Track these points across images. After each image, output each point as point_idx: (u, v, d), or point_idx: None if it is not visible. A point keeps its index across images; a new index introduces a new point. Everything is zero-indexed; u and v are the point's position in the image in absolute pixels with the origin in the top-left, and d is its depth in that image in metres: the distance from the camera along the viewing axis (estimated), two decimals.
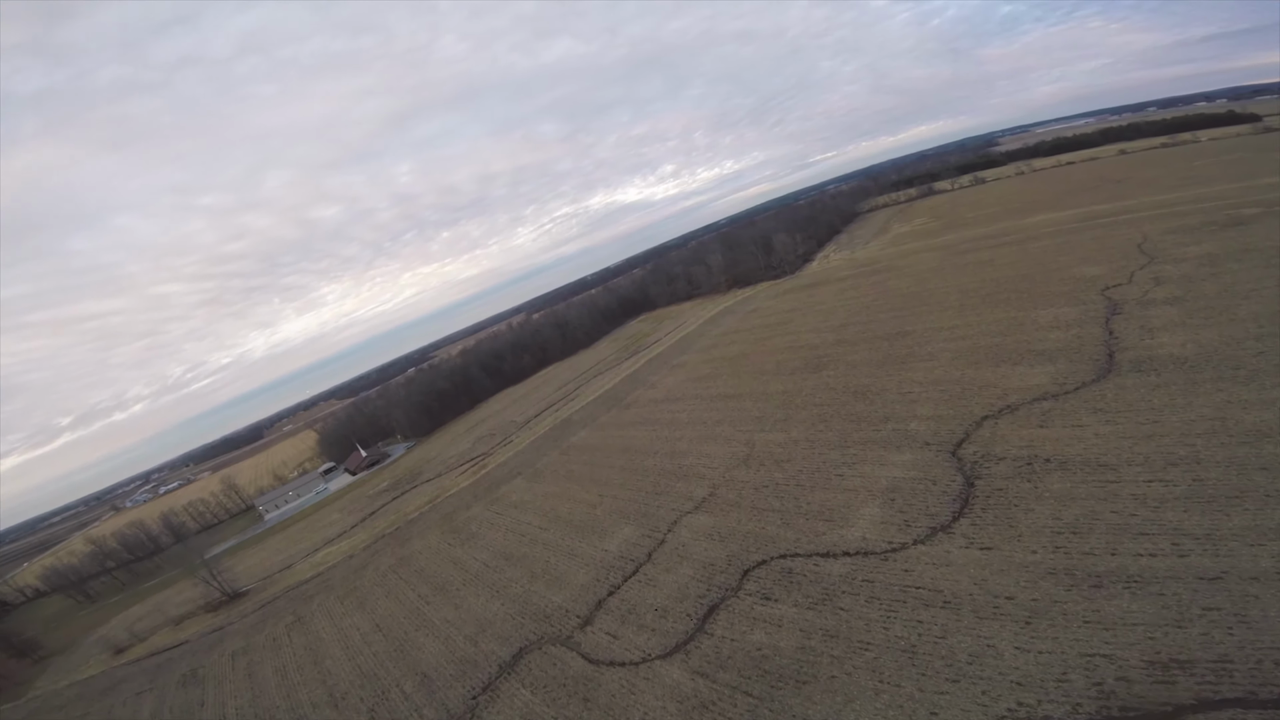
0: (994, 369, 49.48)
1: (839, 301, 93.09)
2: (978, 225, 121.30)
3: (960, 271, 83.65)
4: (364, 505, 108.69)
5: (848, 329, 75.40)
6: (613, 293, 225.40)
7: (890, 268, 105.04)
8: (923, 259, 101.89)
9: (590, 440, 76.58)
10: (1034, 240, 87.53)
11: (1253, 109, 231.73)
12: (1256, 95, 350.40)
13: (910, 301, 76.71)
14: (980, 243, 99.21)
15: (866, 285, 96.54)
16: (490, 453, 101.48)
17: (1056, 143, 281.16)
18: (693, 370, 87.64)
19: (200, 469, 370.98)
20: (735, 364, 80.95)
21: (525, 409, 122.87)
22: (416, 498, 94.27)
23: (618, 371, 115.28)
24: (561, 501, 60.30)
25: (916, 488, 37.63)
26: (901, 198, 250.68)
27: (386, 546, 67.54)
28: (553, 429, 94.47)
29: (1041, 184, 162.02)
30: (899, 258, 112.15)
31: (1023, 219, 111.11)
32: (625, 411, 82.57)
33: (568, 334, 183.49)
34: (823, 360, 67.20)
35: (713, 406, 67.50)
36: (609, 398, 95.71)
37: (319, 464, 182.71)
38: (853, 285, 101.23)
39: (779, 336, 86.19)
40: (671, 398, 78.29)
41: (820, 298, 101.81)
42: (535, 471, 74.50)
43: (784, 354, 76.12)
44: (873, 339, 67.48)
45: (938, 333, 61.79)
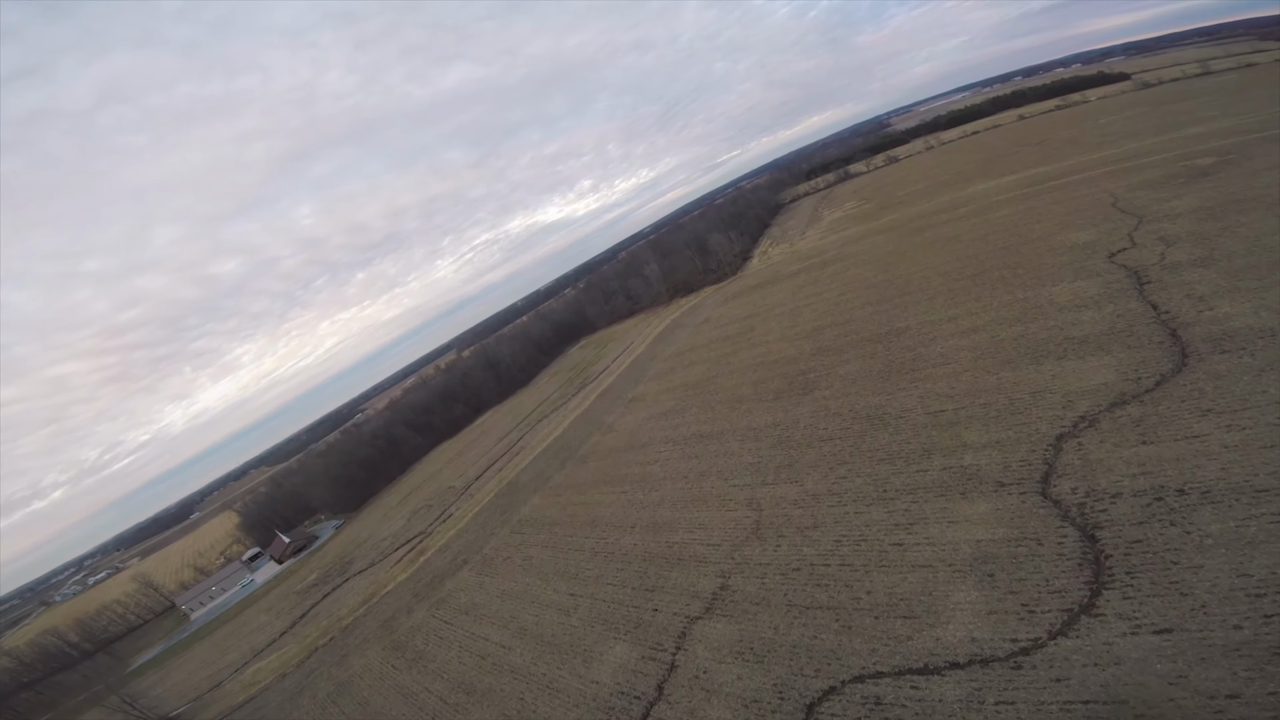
0: (1035, 367, 40.73)
1: (800, 301, 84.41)
2: (916, 202, 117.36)
3: (927, 251, 76.81)
4: (293, 604, 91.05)
5: (824, 333, 66.16)
6: (546, 319, 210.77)
7: (842, 256, 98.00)
8: (875, 244, 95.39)
9: (546, 511, 63.43)
10: (991, 210, 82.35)
11: (1107, 69, 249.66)
12: (1104, 58, 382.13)
13: (886, 292, 68.59)
14: (931, 219, 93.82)
15: (825, 279, 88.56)
16: (428, 532, 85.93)
17: (953, 115, 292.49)
18: (654, 404, 76.02)
19: (130, 554, 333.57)
20: (703, 391, 70.01)
21: (464, 469, 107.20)
22: (349, 595, 78.53)
23: (565, 412, 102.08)
24: (524, 605, 47.73)
25: (1016, 552, 27.74)
26: (821, 184, 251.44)
27: (322, 665, 59.12)
28: (498, 496, 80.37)
29: (959, 154, 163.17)
30: (846, 245, 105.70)
31: (962, 189, 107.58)
32: (583, 467, 69.78)
33: (502, 373, 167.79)
34: (809, 377, 57.23)
35: (690, 453, 55.99)
36: (560, 448, 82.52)
37: (243, 549, 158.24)
38: (809, 281, 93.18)
39: (745, 350, 76.14)
40: (636, 444, 66.26)
41: (776, 298, 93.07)
42: (484, 560, 61.07)
43: (758, 372, 65.88)
44: (861, 342, 58.27)
45: (939, 326, 53.18)
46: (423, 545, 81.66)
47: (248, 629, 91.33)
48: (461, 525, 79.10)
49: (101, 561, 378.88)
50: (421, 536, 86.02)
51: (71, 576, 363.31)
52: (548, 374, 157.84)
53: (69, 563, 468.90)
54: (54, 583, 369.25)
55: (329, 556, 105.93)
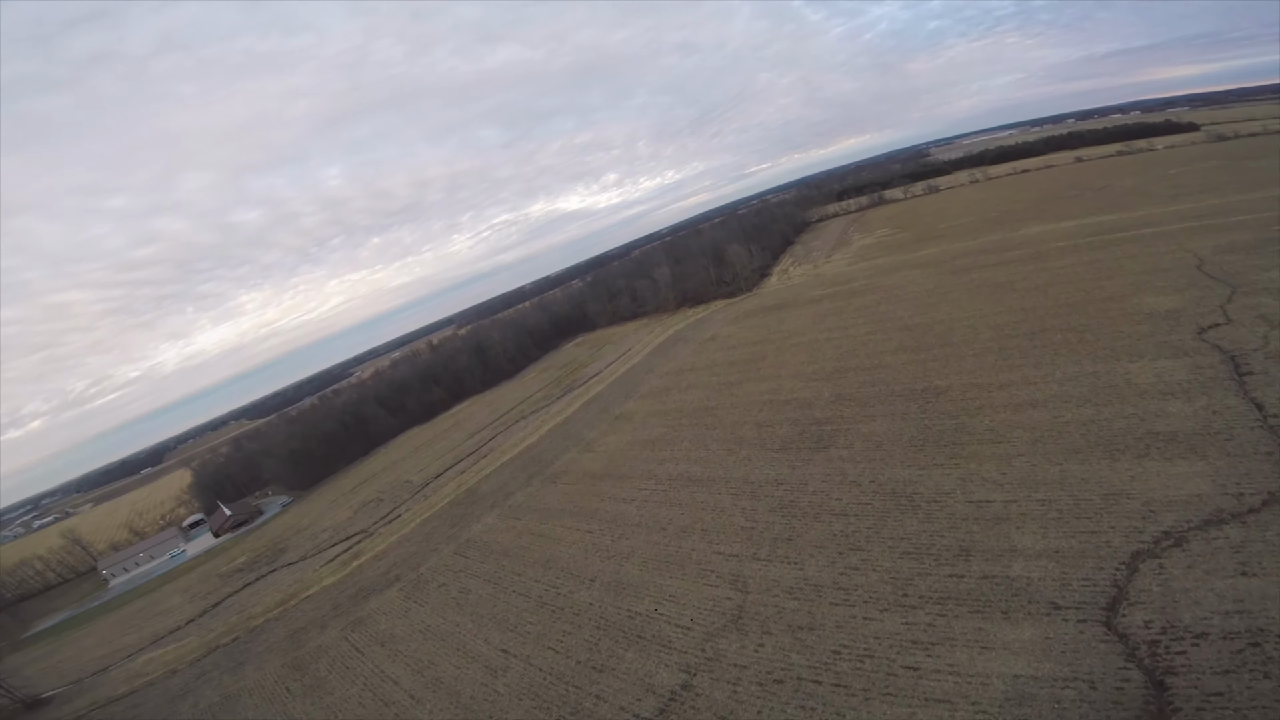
0: (1109, 463, 33.45)
1: (821, 332, 77.11)
2: (959, 237, 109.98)
3: (973, 296, 69.49)
4: (212, 589, 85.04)
5: (847, 377, 58.86)
6: (546, 309, 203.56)
7: (873, 288, 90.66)
8: (912, 279, 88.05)
9: (499, 535, 56.54)
10: (1050, 258, 74.97)
11: (1174, 118, 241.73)
12: (1167, 108, 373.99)
13: (924, 338, 61.29)
14: (978, 259, 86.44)
15: (851, 311, 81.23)
16: (370, 531, 79.20)
17: (1001, 150, 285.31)
18: (642, 427, 68.85)
19: (86, 499, 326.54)
20: (699, 422, 62.79)
21: (427, 463, 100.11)
22: (270, 591, 72.79)
23: (546, 416, 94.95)
24: (448, 650, 41.71)
25: (1062, 695, 21.86)
26: (852, 206, 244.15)
27: (216, 669, 55.22)
28: (453, 503, 73.42)
29: (1008, 191, 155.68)
30: (878, 276, 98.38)
31: (1014, 230, 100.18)
32: (550, 488, 62.64)
33: (489, 360, 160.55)
34: (825, 429, 49.96)
35: (674, 498, 48.82)
36: (531, 460, 75.39)
37: (187, 514, 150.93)
38: (833, 310, 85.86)
39: (752, 381, 68.90)
40: (615, 472, 59.09)
41: (794, 325, 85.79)
42: (418, 581, 54.85)
43: (764, 411, 58.64)
44: (891, 396, 50.95)
45: (988, 393, 45.81)
46: (360, 547, 74.69)
47: (158, 609, 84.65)
48: (406, 531, 72.11)
49: (56, 503, 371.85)
50: (363, 535, 79.05)
51: (21, 516, 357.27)
52: (536, 369, 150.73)
53: (26, 500, 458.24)
54: (4, 520, 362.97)
55: (265, 539, 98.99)
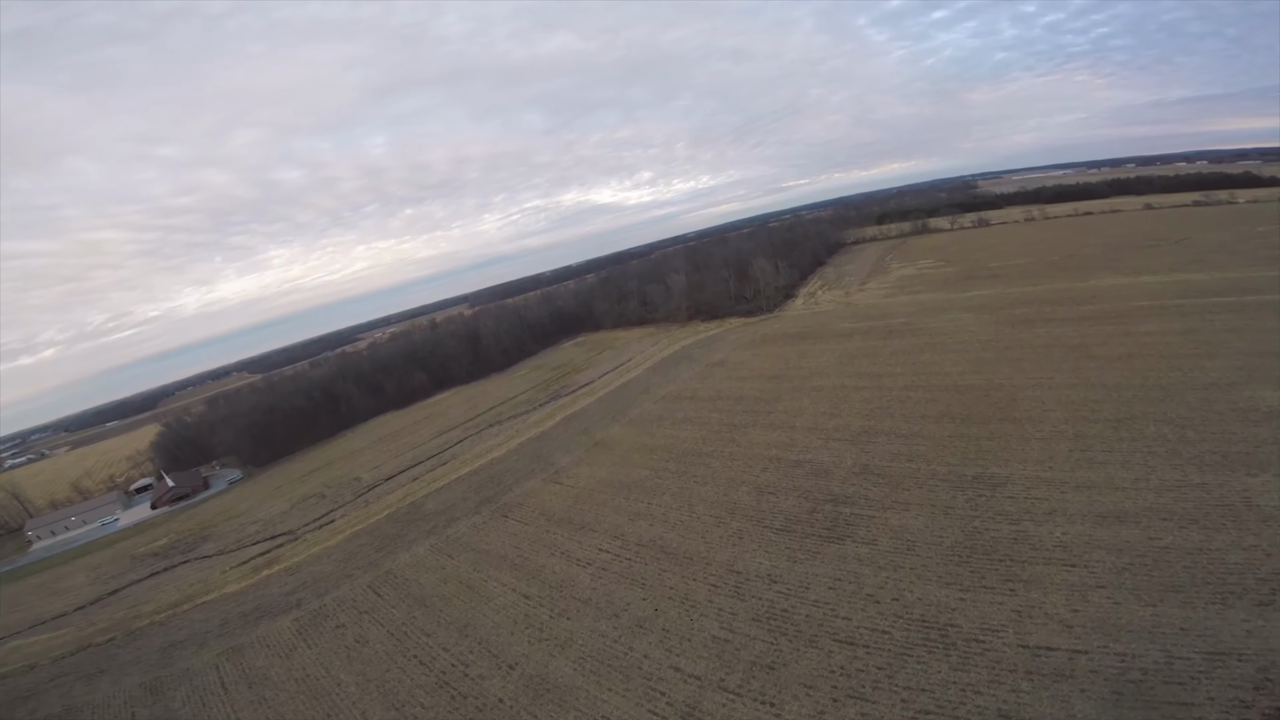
0: (1220, 610, 24.90)
1: (849, 377, 67.41)
2: (1016, 280, 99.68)
3: (1040, 358, 59.54)
4: (119, 572, 77.79)
5: (877, 443, 49.32)
6: (551, 302, 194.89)
7: (914, 329, 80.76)
8: (962, 323, 78.05)
9: (423, 574, 48.75)
10: (1133, 319, 64.83)
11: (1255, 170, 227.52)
12: (1238, 159, 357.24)
13: (978, 406, 51.55)
14: (1043, 310, 76.22)
15: (888, 355, 71.39)
16: (297, 534, 71.64)
17: (1059, 189, 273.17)
18: (621, 463, 59.76)
19: (69, 439, 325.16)
20: (688, 471, 53.58)
21: (385, 460, 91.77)
22: (171, 587, 66.43)
23: (521, 427, 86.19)
24: (313, 715, 35.15)
25: None
26: (893, 232, 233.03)
27: (76, 670, 50.62)
28: (392, 518, 65.72)
29: (1070, 234, 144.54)
30: (921, 315, 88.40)
31: (1082, 279, 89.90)
32: (499, 522, 53.94)
33: (480, 350, 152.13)
34: (843, 510, 40.57)
35: (638, 571, 39.82)
36: (490, 480, 66.70)
37: (140, 475, 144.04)
38: (864, 350, 76.06)
39: (760, 427, 59.49)
40: (576, 518, 50.15)
41: (817, 362, 76.15)
42: (319, 613, 48.80)
43: (769, 471, 49.30)
44: (931, 479, 41.43)
45: (1060, 493, 36.24)
46: (280, 552, 66.79)
47: (56, 587, 77.48)
48: (332, 543, 63.95)
49: (44, 440, 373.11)
50: (288, 538, 70.99)
51: (2, 451, 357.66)
52: (529, 365, 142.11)
53: (15, 434, 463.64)
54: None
55: (194, 521, 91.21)
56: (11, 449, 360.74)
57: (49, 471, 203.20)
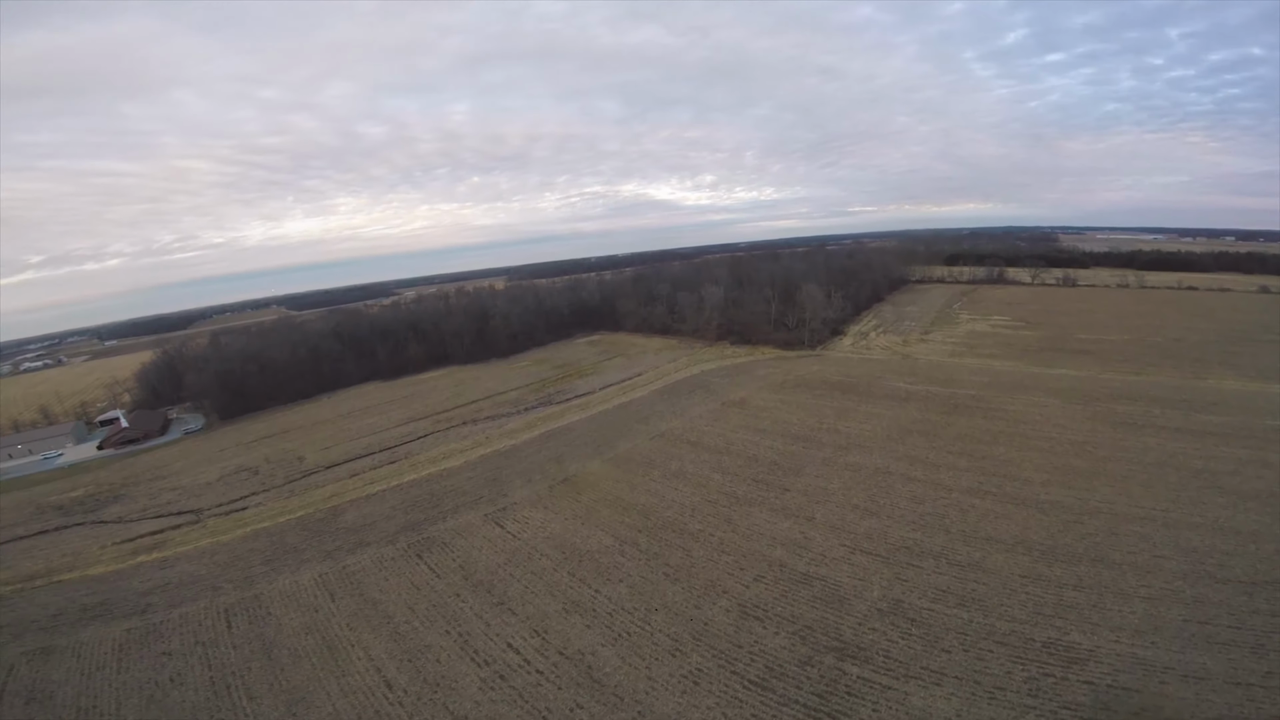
0: None
1: (898, 459, 54.84)
2: (1113, 361, 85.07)
3: (1149, 478, 46.31)
4: (12, 522, 69.76)
5: (918, 568, 37.17)
6: (574, 291, 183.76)
7: (987, 408, 67.34)
8: (1047, 411, 64.45)
9: (296, 611, 40.05)
10: (1272, 445, 50.73)
11: None
12: None
13: (1064, 535, 38.89)
14: (1150, 412, 62.32)
15: (950, 438, 58.36)
16: (201, 518, 63.50)
17: (1159, 255, 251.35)
18: (585, 517, 48.65)
19: (91, 349, 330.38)
20: (661, 552, 42.21)
21: (338, 441, 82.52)
22: (41, 554, 59.07)
23: (494, 433, 75.87)
24: None
25: None
26: (964, 276, 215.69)
27: None
28: (305, 520, 57.24)
29: (1172, 311, 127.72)
30: (995, 389, 74.87)
31: (1196, 375, 75.26)
32: (409, 565, 43.74)
33: (487, 331, 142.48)
34: (849, 670, 28.98)
35: (542, 699, 28.91)
36: (425, 500, 56.57)
37: (113, 406, 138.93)
38: (920, 424, 63.07)
39: (768, 509, 47.63)
40: (498, 589, 39.28)
41: (858, 429, 63.54)
42: (150, 631, 41.92)
43: (764, 585, 37.58)
44: (984, 640, 29.35)
45: (1161, 682, 23.90)
46: (170, 537, 58.56)
47: None
48: (226, 538, 55.44)
49: (74, 345, 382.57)
50: (191, 520, 62.39)
51: (34, 350, 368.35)
52: (532, 357, 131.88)
53: (59, 333, 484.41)
54: (22, 351, 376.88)
55: (123, 474, 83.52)
56: (46, 349, 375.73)
57: (49, 383, 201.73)
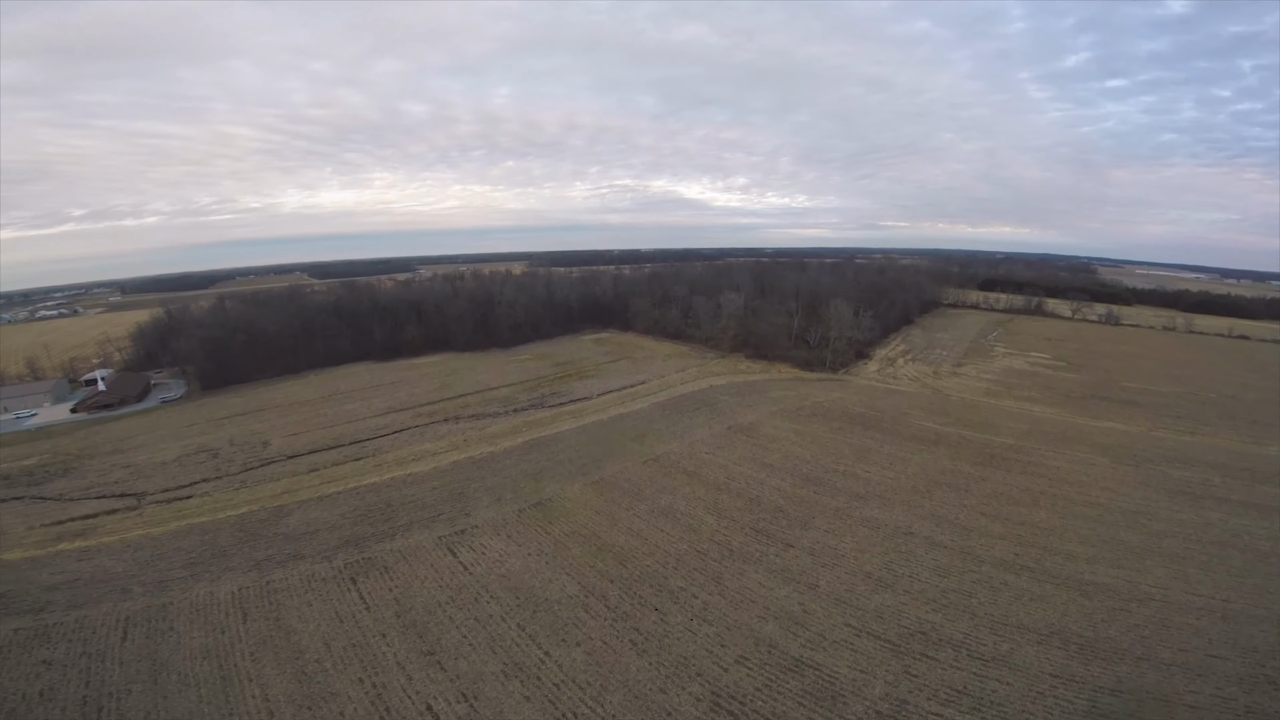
0: None
1: (921, 518, 48.64)
2: (1163, 416, 77.85)
3: (1210, 560, 39.98)
4: None
5: (934, 659, 31.12)
6: (587, 285, 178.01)
7: (1026, 462, 60.69)
8: (1093, 471, 57.79)
9: (197, 630, 34.34)
10: None
11: None
12: None
13: (1107, 618, 32.52)
14: (1209, 480, 55.56)
15: (985, 495, 51.92)
16: (144, 502, 58.66)
17: (1205, 298, 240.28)
18: (552, 555, 43.07)
19: (109, 302, 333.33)
20: (629, 616, 36.58)
21: (310, 428, 77.72)
22: None
23: (474, 436, 70.64)
24: None
25: None
26: (1000, 304, 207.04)
27: None
28: (244, 520, 51.90)
29: (1222, 362, 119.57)
30: (1036, 439, 68.20)
31: (1257, 440, 68.26)
32: (340, 590, 38.34)
33: (490, 319, 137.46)
34: None
35: None
36: (381, 512, 51.07)
37: (105, 364, 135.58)
38: (950, 475, 56.59)
39: (764, 568, 41.74)
40: (430, 635, 34.02)
41: (879, 475, 57.28)
42: (31, 638, 36.25)
43: (747, 670, 31.92)
44: None
45: None
46: (104, 523, 54.10)
47: None
48: (160, 531, 51.08)
49: (93, 297, 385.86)
50: (131, 504, 57.80)
51: (56, 299, 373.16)
52: (534, 351, 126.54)
53: (86, 284, 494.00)
54: (49, 298, 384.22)
55: (85, 443, 79.54)
56: (69, 298, 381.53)
57: (55, 333, 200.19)
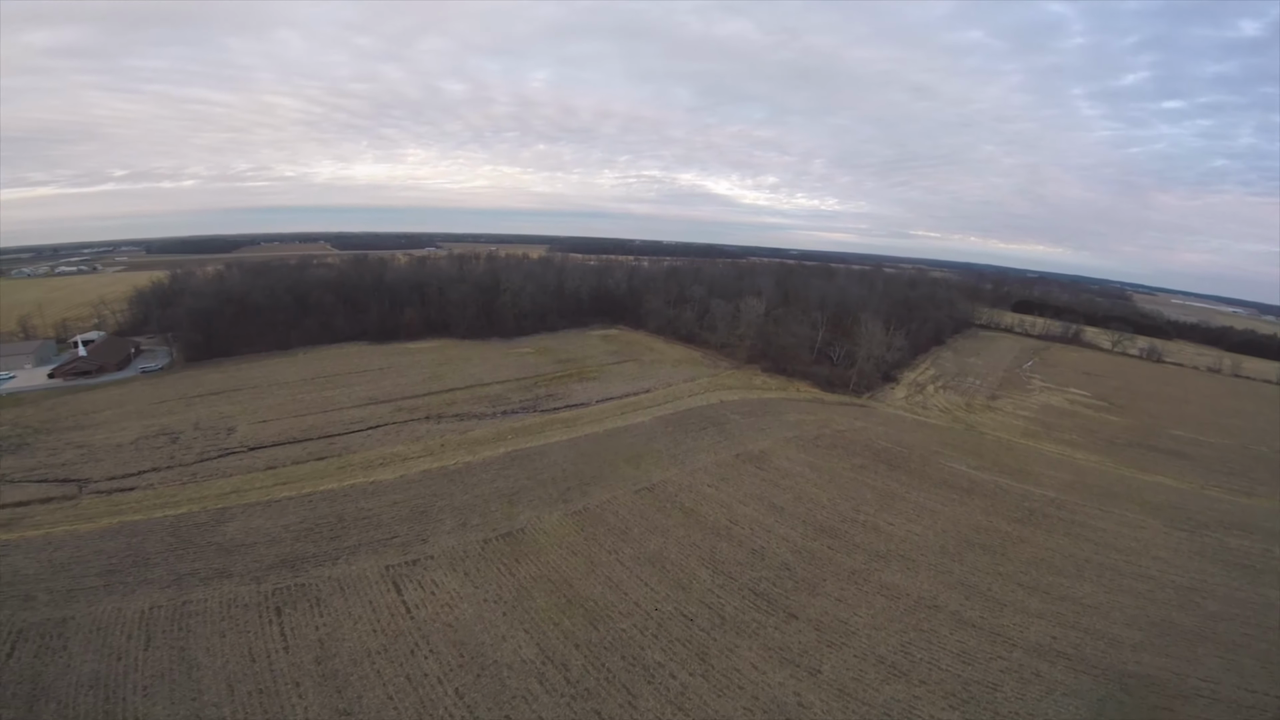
0: None
1: (949, 588, 42.43)
2: (1217, 472, 71.03)
3: (1273, 652, 33.31)
4: None
5: None
6: (600, 277, 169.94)
7: (1070, 521, 54.17)
8: (1143, 535, 51.31)
9: (89, 652, 27.66)
10: None
11: None
12: None
13: None
14: (1269, 553, 48.64)
15: (1020, 563, 45.54)
16: (83, 493, 53.88)
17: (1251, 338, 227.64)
18: (512, 605, 37.55)
19: (131, 261, 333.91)
20: (591, 695, 30.84)
21: (283, 414, 72.72)
22: None
23: (455, 439, 65.23)
24: None
25: None
26: (1035, 328, 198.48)
27: None
28: (178, 523, 46.14)
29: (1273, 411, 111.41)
30: (1080, 494, 61.60)
31: None
32: (258, 623, 33.24)
33: (494, 307, 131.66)
34: None
35: None
36: (331, 528, 45.86)
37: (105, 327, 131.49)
38: (984, 535, 50.24)
39: (759, 644, 35.83)
40: (350, 692, 28.27)
41: (903, 529, 51.04)
42: None
43: None
44: None
45: None
46: (31, 513, 48.80)
47: None
48: (85, 528, 45.87)
49: (118, 255, 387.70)
50: (68, 493, 52.68)
51: (82, 255, 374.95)
52: (536, 343, 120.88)
53: (117, 240, 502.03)
54: (78, 253, 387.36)
55: (50, 414, 75.25)
56: (96, 254, 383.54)
57: (65, 290, 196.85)
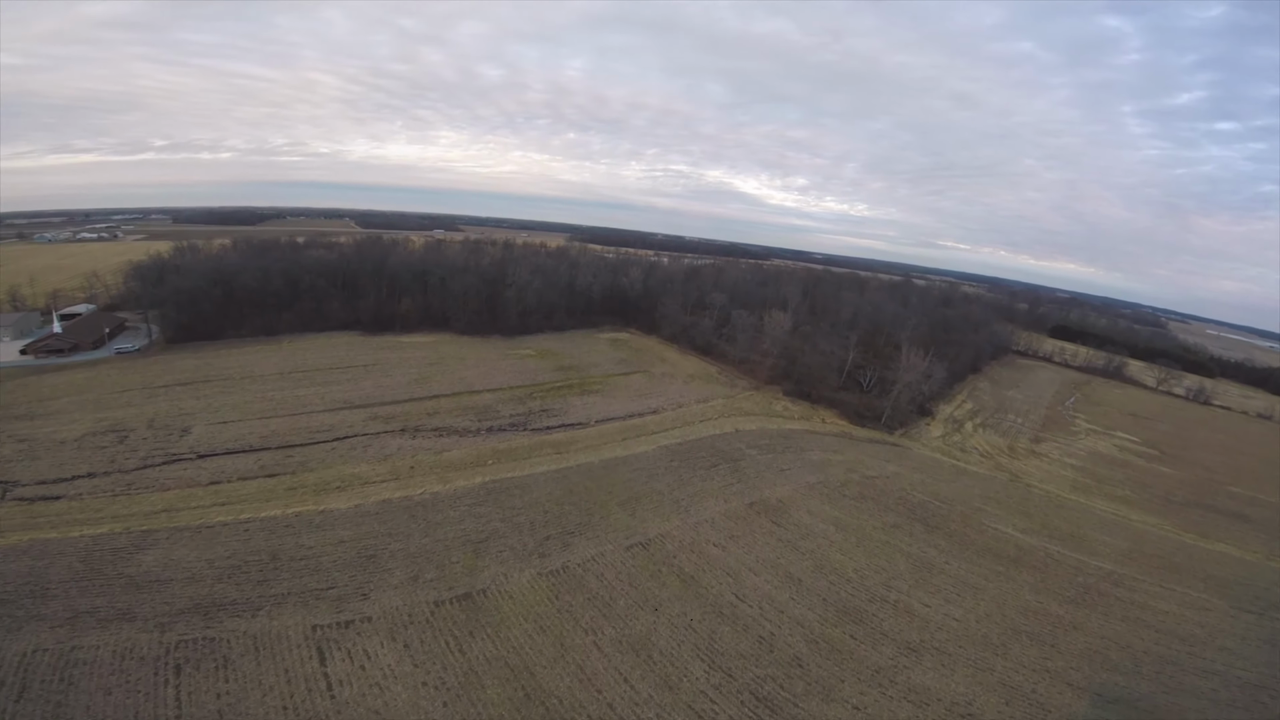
0: None
1: (988, 689, 36.06)
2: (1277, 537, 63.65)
3: None
4: None
5: None
6: (614, 275, 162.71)
7: (1124, 599, 47.67)
8: (1209, 618, 44.85)
9: None
10: None
11: None
12: None
13: None
14: None
15: (1073, 652, 38.97)
16: (3, 499, 47.64)
17: None
18: (456, 698, 31.97)
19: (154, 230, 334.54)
20: None
21: (245, 415, 67.75)
22: None
23: (428, 462, 59.88)
24: None
25: None
26: (1076, 358, 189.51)
27: None
28: (94, 546, 41.37)
29: None
30: (1138, 563, 54.97)
31: None
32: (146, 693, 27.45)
33: (498, 302, 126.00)
34: None
35: None
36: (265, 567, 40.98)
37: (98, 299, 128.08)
38: (1033, 616, 43.65)
39: None
40: None
41: (945, 611, 44.70)
42: None
43: None
44: None
45: None
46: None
47: None
48: (1, 543, 39.72)
49: (144, 224, 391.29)
50: None
51: (110, 221, 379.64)
52: (538, 344, 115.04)
53: (146, 208, 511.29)
54: (108, 220, 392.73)
55: (9, 397, 70.79)
56: (122, 222, 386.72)
57: (77, 257, 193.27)
